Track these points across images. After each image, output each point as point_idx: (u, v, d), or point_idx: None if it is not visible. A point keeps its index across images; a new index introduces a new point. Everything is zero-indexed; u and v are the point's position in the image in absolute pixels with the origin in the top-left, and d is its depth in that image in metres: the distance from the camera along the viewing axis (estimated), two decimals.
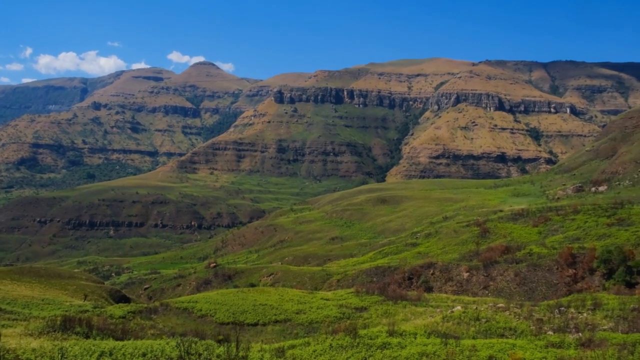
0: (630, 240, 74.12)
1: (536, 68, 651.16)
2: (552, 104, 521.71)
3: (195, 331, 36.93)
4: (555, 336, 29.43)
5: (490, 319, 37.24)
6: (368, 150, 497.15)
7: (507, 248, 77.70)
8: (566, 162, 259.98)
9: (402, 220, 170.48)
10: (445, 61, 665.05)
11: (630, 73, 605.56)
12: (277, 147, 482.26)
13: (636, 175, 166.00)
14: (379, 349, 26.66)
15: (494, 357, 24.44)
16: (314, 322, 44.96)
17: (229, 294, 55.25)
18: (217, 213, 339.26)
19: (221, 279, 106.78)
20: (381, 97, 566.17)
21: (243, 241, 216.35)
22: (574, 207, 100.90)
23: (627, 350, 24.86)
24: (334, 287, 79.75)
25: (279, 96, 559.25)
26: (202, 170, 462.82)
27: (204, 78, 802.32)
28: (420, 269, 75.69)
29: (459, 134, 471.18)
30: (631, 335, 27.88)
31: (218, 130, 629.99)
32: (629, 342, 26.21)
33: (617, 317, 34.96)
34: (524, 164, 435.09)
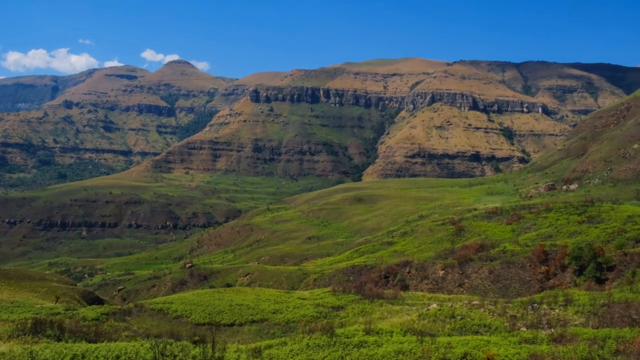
0: (600, 237, 75.81)
1: (509, 68, 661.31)
2: (524, 104, 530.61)
3: (171, 332, 36.49)
4: (529, 332, 29.90)
5: (465, 316, 37.66)
6: (344, 149, 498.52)
7: (481, 246, 78.75)
8: (538, 161, 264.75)
9: (378, 219, 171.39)
10: (420, 61, 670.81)
11: (599, 74, 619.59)
12: (253, 146, 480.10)
13: (606, 173, 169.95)
14: (355, 347, 26.72)
15: (469, 353, 24.70)
16: (291, 321, 44.87)
17: (204, 295, 54.78)
18: (193, 213, 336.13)
19: (197, 280, 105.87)
20: (357, 97, 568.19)
21: (219, 241, 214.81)
22: (546, 205, 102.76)
23: (598, 345, 25.38)
24: (310, 286, 79.76)
25: (255, 95, 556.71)
26: (177, 169, 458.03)
27: (178, 77, 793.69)
28: (396, 268, 76.19)
29: (434, 133, 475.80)
30: (601, 330, 28.49)
31: (193, 130, 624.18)
32: (599, 337, 26.77)
33: (588, 313, 35.69)
34: (498, 163, 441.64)
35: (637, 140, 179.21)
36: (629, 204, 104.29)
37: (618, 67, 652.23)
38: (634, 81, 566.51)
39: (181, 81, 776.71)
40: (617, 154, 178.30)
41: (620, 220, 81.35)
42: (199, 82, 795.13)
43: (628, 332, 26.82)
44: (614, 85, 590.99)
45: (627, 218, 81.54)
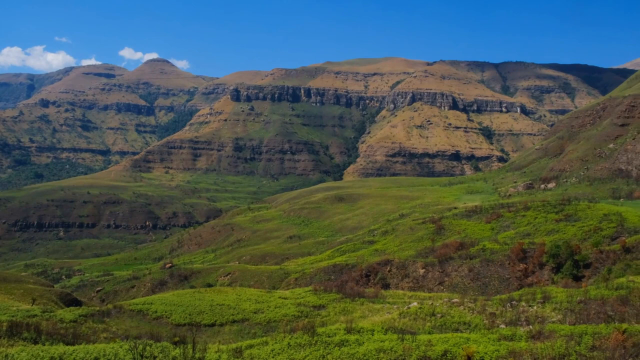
0: (577, 235, 77.08)
1: (488, 68, 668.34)
2: (503, 104, 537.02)
3: (150, 333, 36.13)
4: (507, 329, 30.26)
5: (445, 314, 37.98)
6: (325, 148, 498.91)
7: (461, 244, 79.49)
8: (517, 160, 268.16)
9: (360, 218, 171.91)
10: (400, 60, 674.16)
11: (576, 74, 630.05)
12: (233, 145, 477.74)
13: (582, 172, 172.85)
14: (337, 346, 26.76)
15: (449, 351, 24.91)
16: (272, 321, 44.79)
17: (185, 295, 54.39)
18: (173, 212, 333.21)
19: (177, 280, 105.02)
20: (338, 96, 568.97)
21: (199, 241, 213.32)
22: (525, 204, 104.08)
23: (575, 341, 25.78)
24: (292, 285, 79.68)
25: (236, 94, 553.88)
26: (157, 169, 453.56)
27: (158, 75, 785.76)
28: (377, 266, 76.52)
29: (415, 132, 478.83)
30: (578, 327, 28.95)
31: (173, 129, 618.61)
32: (576, 333, 27.21)
33: (565, 310, 36.27)
34: (477, 162, 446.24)
35: (612, 140, 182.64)
36: (604, 202, 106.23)
37: (594, 68, 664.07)
38: (609, 82, 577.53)
39: (160, 80, 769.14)
40: (593, 154, 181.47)
41: (596, 218, 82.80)
42: (179, 80, 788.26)
43: (604, 328, 27.30)
44: (590, 86, 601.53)
45: (603, 216, 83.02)
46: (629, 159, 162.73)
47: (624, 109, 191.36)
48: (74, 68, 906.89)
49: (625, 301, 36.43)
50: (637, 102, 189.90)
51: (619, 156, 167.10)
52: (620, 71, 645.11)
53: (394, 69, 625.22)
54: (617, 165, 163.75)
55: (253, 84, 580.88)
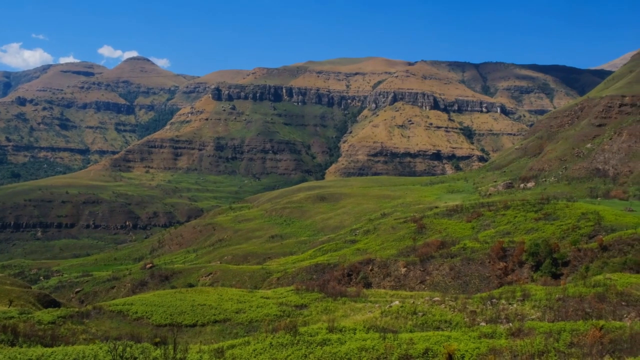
0: (555, 233, 78.26)
1: (469, 69, 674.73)
2: (483, 104, 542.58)
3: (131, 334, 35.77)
4: (488, 327, 30.58)
5: (426, 312, 38.24)
6: (307, 148, 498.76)
7: (442, 243, 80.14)
8: (497, 160, 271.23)
9: (341, 218, 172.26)
10: (382, 60, 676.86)
11: (555, 75, 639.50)
12: (215, 144, 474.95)
13: (561, 172, 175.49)
14: (319, 345, 26.78)
15: (430, 349, 25.09)
16: (254, 321, 44.66)
17: (166, 295, 53.94)
18: (154, 212, 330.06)
19: (158, 280, 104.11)
20: (320, 95, 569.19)
21: (181, 241, 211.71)
22: (505, 203, 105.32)
23: (553, 338, 26.18)
24: (274, 285, 79.53)
25: (217, 93, 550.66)
26: (137, 168, 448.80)
27: (138, 73, 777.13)
28: (359, 266, 76.75)
29: (396, 132, 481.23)
30: (557, 324, 29.39)
31: (154, 128, 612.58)
32: (555, 330, 27.62)
33: (544, 307, 36.79)
34: (458, 162, 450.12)
35: (590, 140, 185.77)
36: (582, 201, 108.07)
37: (572, 69, 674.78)
38: (587, 83, 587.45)
39: (141, 78, 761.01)
40: (571, 153, 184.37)
41: (574, 217, 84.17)
42: (160, 79, 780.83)
43: (582, 325, 27.76)
44: (569, 87, 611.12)
45: (581, 215, 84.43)
46: (606, 159, 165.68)
47: (601, 110, 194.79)
48: (52, 66, 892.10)
49: (603, 298, 37.08)
50: (614, 103, 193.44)
51: (596, 156, 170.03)
52: (597, 72, 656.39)
53: (375, 69, 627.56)
54: (594, 164, 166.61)
55: (234, 83, 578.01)
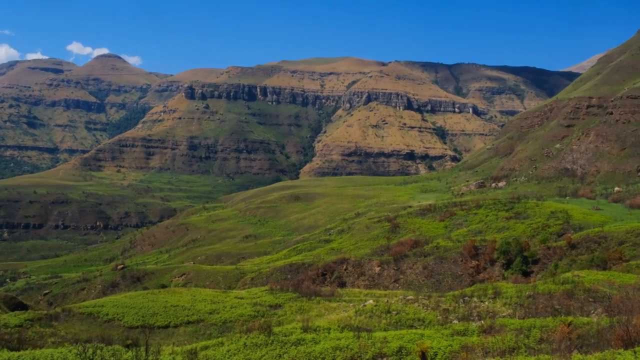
0: (526, 232, 79.74)
1: (442, 69, 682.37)
2: (456, 104, 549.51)
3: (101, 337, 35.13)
4: (460, 324, 30.95)
5: (400, 311, 38.49)
6: (281, 147, 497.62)
7: (416, 242, 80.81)
8: (469, 160, 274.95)
9: (316, 217, 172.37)
10: (356, 60, 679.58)
11: (525, 77, 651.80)
12: (188, 144, 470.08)
13: (531, 171, 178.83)
14: (293, 345, 26.73)
15: (404, 347, 25.26)
16: (228, 321, 44.35)
17: (138, 297, 53.17)
18: (125, 212, 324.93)
19: (130, 281, 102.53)
20: (294, 95, 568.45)
21: (153, 241, 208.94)
22: (477, 202, 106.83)
23: (524, 334, 26.63)
24: (248, 285, 79.11)
25: (190, 92, 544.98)
26: (108, 167, 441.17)
27: (109, 71, 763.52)
28: (333, 265, 76.88)
29: (370, 132, 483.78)
30: (527, 321, 29.92)
31: (125, 126, 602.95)
32: (525, 327, 28.11)
33: (515, 304, 37.42)
34: (431, 162, 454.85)
35: (559, 140, 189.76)
36: (552, 200, 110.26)
37: (542, 71, 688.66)
38: (556, 84, 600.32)
39: (112, 76, 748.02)
40: (541, 153, 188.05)
41: (544, 216, 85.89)
42: (131, 77, 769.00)
43: (551, 322, 28.31)
44: (538, 88, 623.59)
45: (550, 214, 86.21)
46: (574, 159, 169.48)
47: (570, 111, 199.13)
48: (19, 62, 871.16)
49: (571, 295, 37.91)
50: (581, 104, 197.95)
51: (565, 156, 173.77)
52: (566, 74, 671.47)
53: (349, 69, 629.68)
54: (563, 164, 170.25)
55: (208, 82, 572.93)
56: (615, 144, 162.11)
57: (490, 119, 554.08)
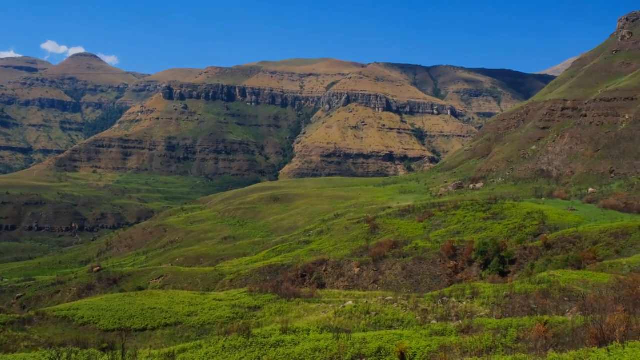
0: (503, 232, 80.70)
1: (420, 71, 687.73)
2: (434, 106, 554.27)
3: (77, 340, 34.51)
4: (439, 325, 31.14)
5: (379, 311, 38.60)
6: (261, 148, 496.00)
7: (395, 243, 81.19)
8: (447, 161, 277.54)
9: (295, 219, 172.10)
10: (335, 62, 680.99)
11: (502, 79, 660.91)
12: (166, 144, 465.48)
13: (508, 173, 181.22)
14: (272, 347, 26.59)
15: (383, 348, 25.31)
16: (207, 323, 43.98)
17: (114, 299, 52.41)
18: (101, 214, 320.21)
19: (106, 284, 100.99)
20: (274, 96, 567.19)
21: (130, 243, 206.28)
22: (455, 203, 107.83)
23: (501, 334, 26.90)
24: (227, 287, 78.59)
25: (168, 92, 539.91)
26: (83, 168, 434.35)
27: (85, 70, 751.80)
28: (313, 266, 76.82)
29: (350, 133, 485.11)
30: (504, 320, 30.24)
31: (101, 127, 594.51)
32: (502, 327, 28.40)
33: (492, 304, 37.80)
34: (410, 163, 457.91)
35: (535, 142, 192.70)
36: (528, 201, 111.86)
37: (518, 74, 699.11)
38: (531, 87, 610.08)
39: (88, 75, 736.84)
40: (517, 155, 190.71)
41: (520, 216, 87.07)
42: (108, 76, 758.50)
43: (527, 321, 28.65)
44: (515, 91, 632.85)
45: (526, 214, 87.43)
46: (550, 160, 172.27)
47: (545, 113, 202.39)
48: None
49: (547, 294, 38.45)
50: (556, 107, 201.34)
51: (540, 157, 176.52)
52: (541, 77, 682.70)
53: (329, 70, 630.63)
54: (539, 165, 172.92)
55: (187, 82, 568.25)
56: (589, 146, 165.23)
57: (468, 121, 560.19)
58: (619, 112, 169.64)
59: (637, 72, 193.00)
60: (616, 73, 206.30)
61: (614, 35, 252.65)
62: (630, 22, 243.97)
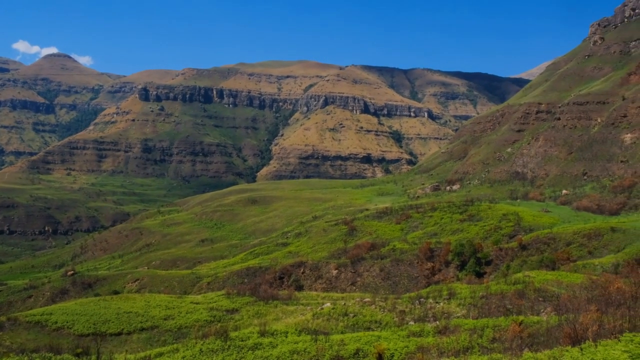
0: (479, 234, 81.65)
1: (397, 74, 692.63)
2: (412, 109, 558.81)
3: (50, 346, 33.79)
4: (416, 326, 31.33)
5: (357, 313, 38.69)
6: (238, 150, 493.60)
7: (372, 245, 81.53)
8: (424, 163, 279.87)
9: (273, 221, 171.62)
10: (313, 64, 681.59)
11: (478, 82, 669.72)
12: (142, 146, 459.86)
13: (484, 175, 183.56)
14: (250, 350, 26.45)
15: (361, 349, 25.38)
16: (184, 327, 43.54)
17: (89, 303, 51.52)
18: (76, 217, 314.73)
19: (80, 288, 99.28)
20: (251, 98, 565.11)
21: (105, 246, 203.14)
22: (432, 205, 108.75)
23: (477, 334, 27.20)
24: (204, 290, 77.95)
25: (144, 93, 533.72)
26: (57, 170, 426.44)
27: (58, 71, 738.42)
28: (291, 268, 76.67)
29: (328, 135, 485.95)
30: (480, 321, 30.58)
31: (76, 128, 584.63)
32: (479, 327, 28.72)
33: (469, 305, 38.20)
34: (388, 165, 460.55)
35: (510, 144, 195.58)
36: (503, 203, 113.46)
37: (494, 77, 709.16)
38: (507, 90, 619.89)
39: (62, 76, 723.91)
40: (493, 157, 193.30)
41: (496, 218, 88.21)
42: (82, 77, 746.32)
43: (503, 321, 29.02)
44: (491, 94, 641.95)
45: (502, 216, 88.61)
46: (525, 162, 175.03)
47: (520, 116, 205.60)
48: None
49: (522, 295, 39.02)
50: (531, 110, 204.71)
51: (515, 160, 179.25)
52: (516, 80, 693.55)
53: (307, 72, 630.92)
54: (514, 168, 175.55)
55: (163, 84, 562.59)
56: (562, 149, 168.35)
57: (444, 124, 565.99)
58: (591, 115, 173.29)
59: (609, 76, 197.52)
60: (589, 77, 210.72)
61: (586, 40, 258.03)
62: (602, 28, 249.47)
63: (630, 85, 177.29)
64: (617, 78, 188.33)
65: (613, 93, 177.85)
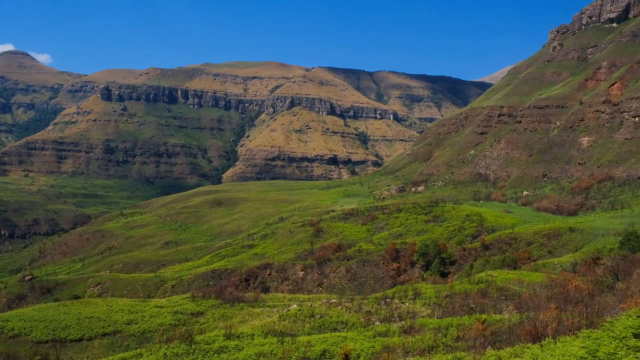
0: (443, 234, 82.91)
1: (364, 76, 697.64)
2: (377, 111, 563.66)
3: (6, 354, 32.69)
4: (382, 326, 31.58)
5: (324, 314, 38.74)
6: (203, 152, 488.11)
7: (339, 246, 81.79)
8: (390, 165, 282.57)
9: (239, 222, 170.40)
10: (279, 65, 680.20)
11: (442, 85, 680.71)
12: (104, 147, 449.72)
13: (448, 176, 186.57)
14: (216, 353, 26.17)
15: (328, 350, 25.41)
16: (147, 331, 42.74)
17: (48, 309, 50.06)
18: (34, 220, 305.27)
19: (39, 293, 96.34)
20: (217, 98, 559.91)
21: (65, 250, 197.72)
22: (397, 206, 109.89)
23: (442, 333, 27.59)
24: (168, 293, 76.75)
25: (107, 93, 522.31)
26: (14, 172, 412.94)
27: (15, 69, 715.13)
28: (257, 270, 76.25)
29: (294, 136, 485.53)
30: (445, 320, 31.03)
31: (34, 128, 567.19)
32: (443, 326, 29.14)
33: (434, 304, 38.72)
34: (354, 166, 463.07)
35: (473, 146, 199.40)
36: (467, 203, 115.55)
37: (458, 81, 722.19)
38: (470, 94, 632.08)
39: (19, 74, 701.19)
40: (457, 159, 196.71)
41: (460, 218, 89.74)
42: (41, 76, 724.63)
43: (467, 320, 29.52)
44: (455, 97, 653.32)
45: (465, 217, 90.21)
46: (487, 164, 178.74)
47: (483, 119, 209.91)
48: None
49: (485, 294, 39.79)
50: (493, 113, 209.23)
51: (478, 161, 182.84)
52: (479, 84, 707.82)
53: (273, 74, 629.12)
54: (477, 169, 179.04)
55: (126, 83, 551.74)
56: (523, 151, 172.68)
57: (410, 126, 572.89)
58: (551, 119, 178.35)
59: (567, 81, 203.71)
60: (548, 82, 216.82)
61: (546, 46, 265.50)
62: (561, 34, 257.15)
63: (587, 90, 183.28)
64: (575, 83, 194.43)
65: (571, 97, 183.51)
